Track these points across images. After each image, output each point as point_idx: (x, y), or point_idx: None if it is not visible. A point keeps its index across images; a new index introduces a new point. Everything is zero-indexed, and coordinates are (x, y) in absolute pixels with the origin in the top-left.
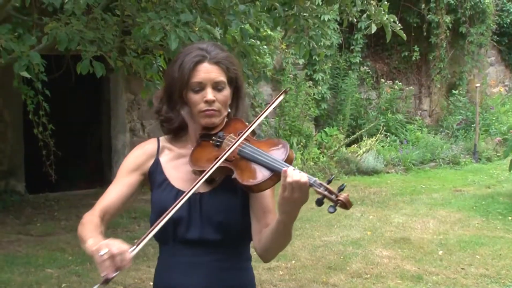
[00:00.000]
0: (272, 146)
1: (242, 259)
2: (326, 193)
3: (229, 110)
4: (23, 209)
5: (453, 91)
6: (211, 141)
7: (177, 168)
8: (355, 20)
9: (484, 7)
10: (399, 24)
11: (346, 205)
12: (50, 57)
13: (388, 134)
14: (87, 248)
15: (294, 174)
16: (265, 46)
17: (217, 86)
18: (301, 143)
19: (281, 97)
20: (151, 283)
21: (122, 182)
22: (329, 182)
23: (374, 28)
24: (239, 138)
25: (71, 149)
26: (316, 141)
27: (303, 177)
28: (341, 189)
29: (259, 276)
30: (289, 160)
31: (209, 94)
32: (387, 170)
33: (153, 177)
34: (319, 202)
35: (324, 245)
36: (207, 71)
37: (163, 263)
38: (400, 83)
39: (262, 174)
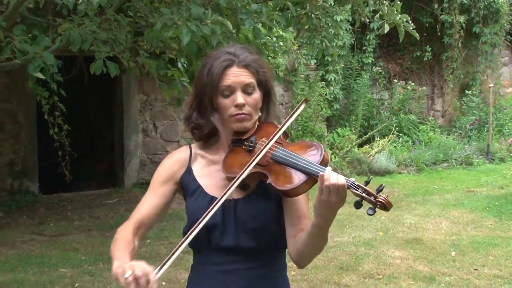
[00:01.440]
0: (306, 148)
1: (278, 267)
2: (364, 194)
3: (260, 114)
4: (37, 209)
5: (466, 91)
6: (243, 146)
7: (210, 175)
8: (368, 20)
9: (497, 7)
10: (412, 24)
11: (386, 206)
12: (63, 58)
13: (401, 134)
14: (113, 270)
15: (331, 177)
16: (281, 43)
17: (246, 89)
18: None
19: (303, 106)
20: (164, 283)
21: (156, 193)
22: (367, 183)
23: (386, 28)
24: (268, 142)
25: (84, 149)
26: (328, 142)
27: (340, 179)
28: (379, 190)
29: None
30: (324, 162)
31: (239, 97)
32: (400, 171)
33: (185, 185)
34: (358, 205)
35: (336, 246)
36: (236, 75)
37: (197, 272)
38: (413, 84)
39: (297, 178)
